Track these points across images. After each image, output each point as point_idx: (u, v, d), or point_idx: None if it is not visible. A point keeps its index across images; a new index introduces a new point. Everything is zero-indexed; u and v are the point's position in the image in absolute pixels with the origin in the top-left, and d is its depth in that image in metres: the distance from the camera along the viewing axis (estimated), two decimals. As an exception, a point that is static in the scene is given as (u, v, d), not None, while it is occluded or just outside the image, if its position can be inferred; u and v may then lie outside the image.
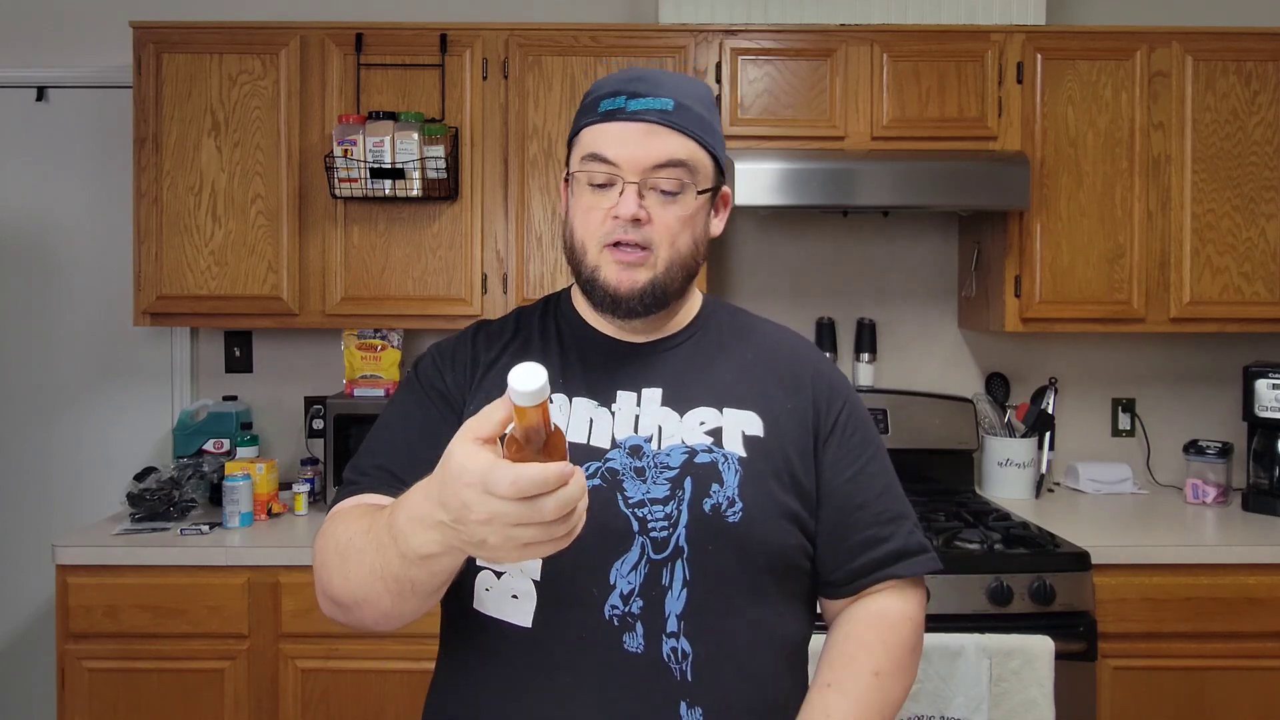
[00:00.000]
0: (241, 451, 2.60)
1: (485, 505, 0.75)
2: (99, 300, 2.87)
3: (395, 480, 1.06)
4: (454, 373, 1.16)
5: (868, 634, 1.12)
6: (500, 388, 1.02)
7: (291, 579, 2.19)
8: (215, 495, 2.53)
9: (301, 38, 2.52)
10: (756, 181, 2.38)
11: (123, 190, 2.76)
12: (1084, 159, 2.55)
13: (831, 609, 1.19)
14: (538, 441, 0.77)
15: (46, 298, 2.88)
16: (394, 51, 2.53)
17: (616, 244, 1.09)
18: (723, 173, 1.16)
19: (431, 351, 1.21)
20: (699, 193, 1.11)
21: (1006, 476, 2.69)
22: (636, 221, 1.08)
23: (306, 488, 2.52)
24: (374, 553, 0.91)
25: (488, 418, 0.79)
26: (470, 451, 0.77)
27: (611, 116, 1.09)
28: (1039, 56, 2.55)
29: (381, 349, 2.65)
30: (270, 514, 2.45)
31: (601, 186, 1.09)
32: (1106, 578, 2.16)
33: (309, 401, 2.83)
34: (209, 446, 2.66)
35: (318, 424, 2.74)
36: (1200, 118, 2.56)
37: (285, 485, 2.65)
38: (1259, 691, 2.18)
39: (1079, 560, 2.13)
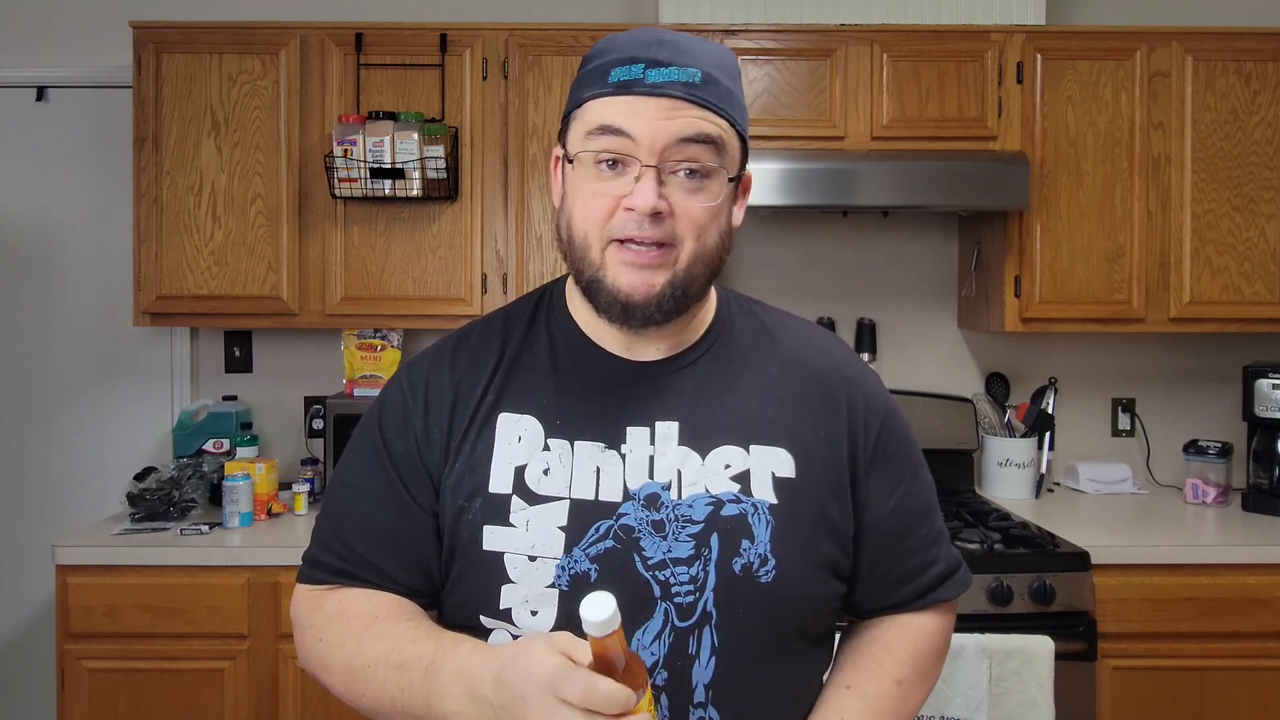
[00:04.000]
0: (241, 451, 2.60)
1: (545, 706, 0.76)
2: (99, 300, 2.87)
3: (367, 565, 0.99)
4: (425, 418, 1.00)
5: (897, 642, 1.05)
6: (488, 443, 0.98)
7: (291, 579, 2.15)
8: (215, 495, 2.53)
9: (301, 38, 2.52)
10: (756, 181, 2.37)
11: (123, 190, 2.76)
12: (1084, 159, 2.55)
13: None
14: (613, 669, 0.78)
15: (46, 298, 2.88)
16: (394, 51, 2.53)
17: (626, 240, 0.92)
18: (747, 153, 0.99)
19: (401, 385, 1.03)
20: (729, 179, 0.94)
21: (1006, 476, 2.69)
22: (656, 215, 0.90)
23: (306, 488, 2.53)
24: (397, 691, 0.88)
25: (578, 646, 0.79)
26: (547, 652, 0.78)
27: (626, 89, 0.90)
28: (1039, 56, 2.54)
29: (381, 349, 2.66)
30: (270, 514, 2.45)
31: (611, 167, 0.91)
32: (1106, 578, 2.16)
33: (309, 401, 2.83)
34: (209, 446, 2.66)
35: (318, 424, 2.74)
36: (1200, 118, 2.55)
37: (285, 485, 2.65)
38: (1259, 691, 2.18)
39: (1079, 560, 2.13)
